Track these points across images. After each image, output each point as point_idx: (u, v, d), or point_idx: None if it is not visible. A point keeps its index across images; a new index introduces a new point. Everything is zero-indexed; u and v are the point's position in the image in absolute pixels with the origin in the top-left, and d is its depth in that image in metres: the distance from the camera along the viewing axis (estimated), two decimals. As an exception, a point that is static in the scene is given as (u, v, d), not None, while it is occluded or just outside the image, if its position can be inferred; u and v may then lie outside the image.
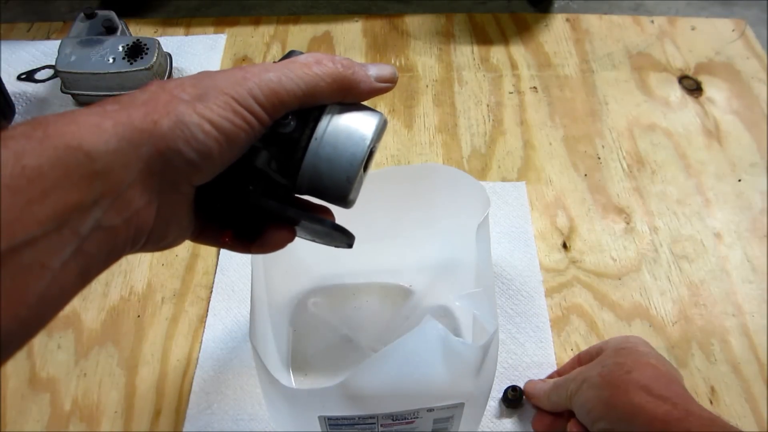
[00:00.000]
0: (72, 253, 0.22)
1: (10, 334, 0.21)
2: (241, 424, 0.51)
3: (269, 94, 0.27)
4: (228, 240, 0.31)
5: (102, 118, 0.24)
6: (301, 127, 0.29)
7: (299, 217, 0.30)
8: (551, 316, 0.57)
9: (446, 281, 0.55)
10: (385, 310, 0.57)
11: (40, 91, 0.76)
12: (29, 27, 0.85)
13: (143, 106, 0.25)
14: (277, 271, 0.50)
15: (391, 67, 0.32)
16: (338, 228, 0.32)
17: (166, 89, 0.26)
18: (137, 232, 0.26)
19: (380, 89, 0.31)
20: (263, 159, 0.29)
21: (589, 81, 0.78)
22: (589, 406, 0.41)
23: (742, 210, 0.66)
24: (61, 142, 0.22)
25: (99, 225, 0.23)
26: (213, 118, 0.26)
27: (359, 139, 0.30)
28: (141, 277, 0.60)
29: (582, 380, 0.43)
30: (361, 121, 0.30)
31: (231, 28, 0.85)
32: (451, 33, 0.84)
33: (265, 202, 0.29)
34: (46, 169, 0.21)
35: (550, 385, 0.48)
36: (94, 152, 0.23)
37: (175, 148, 0.25)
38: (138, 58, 0.70)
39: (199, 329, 0.57)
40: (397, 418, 0.39)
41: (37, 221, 0.21)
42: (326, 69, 0.29)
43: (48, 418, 0.52)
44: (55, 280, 0.22)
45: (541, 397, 0.49)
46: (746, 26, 0.84)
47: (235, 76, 0.27)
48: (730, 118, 0.74)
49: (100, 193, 0.23)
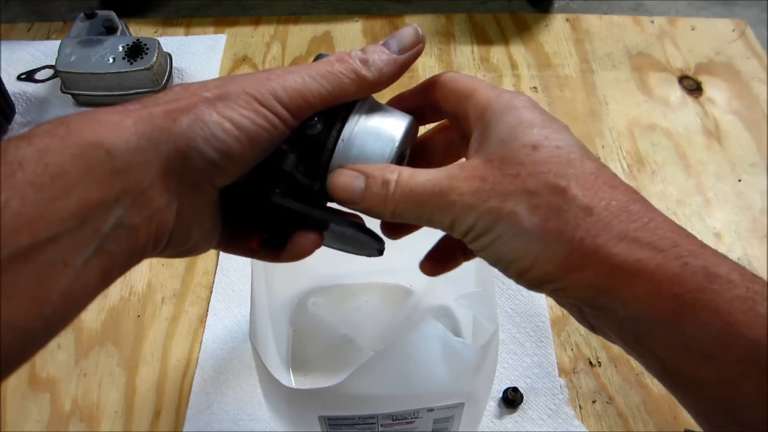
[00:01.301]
0: (94, 252, 0.22)
1: (34, 331, 0.21)
2: (241, 424, 0.51)
3: (293, 94, 0.27)
4: (255, 246, 0.31)
5: (123, 116, 0.24)
6: (327, 128, 0.29)
7: (326, 219, 0.29)
8: (551, 316, 0.57)
9: (446, 281, 0.55)
10: (385, 310, 0.57)
11: (40, 91, 0.76)
12: (29, 27, 0.85)
13: (165, 104, 0.25)
14: (277, 271, 0.50)
15: (411, 30, 0.30)
16: (367, 231, 0.30)
17: (189, 90, 0.26)
18: (158, 233, 0.25)
19: (407, 62, 0.30)
20: (290, 162, 0.28)
21: (589, 81, 0.78)
22: (524, 264, 0.26)
23: (742, 210, 0.66)
24: (83, 139, 0.22)
25: (120, 223, 0.23)
26: (233, 117, 0.26)
27: (387, 140, 0.29)
28: (141, 277, 0.60)
29: (493, 215, 0.26)
30: (390, 123, 0.29)
31: (231, 28, 0.85)
32: (451, 33, 0.84)
33: (290, 203, 0.28)
34: (68, 166, 0.22)
35: (401, 192, 0.28)
36: (115, 150, 0.23)
37: (195, 147, 0.25)
38: (138, 58, 0.70)
39: (199, 329, 0.57)
40: (397, 418, 0.39)
41: (60, 218, 0.21)
42: (349, 66, 0.28)
43: (48, 418, 0.52)
44: (77, 278, 0.22)
45: (383, 205, 0.28)
46: (746, 26, 0.84)
47: (259, 77, 0.27)
48: (730, 118, 0.74)
49: (122, 190, 0.23)
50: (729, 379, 0.23)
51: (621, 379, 0.54)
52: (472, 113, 0.29)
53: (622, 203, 0.25)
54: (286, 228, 0.30)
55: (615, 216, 0.25)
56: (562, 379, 0.54)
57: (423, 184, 0.27)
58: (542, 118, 0.27)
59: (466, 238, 0.27)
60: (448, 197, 0.27)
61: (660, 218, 0.26)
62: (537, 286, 0.27)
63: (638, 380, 0.54)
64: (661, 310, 0.24)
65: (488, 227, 0.26)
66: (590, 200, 0.25)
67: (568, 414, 0.52)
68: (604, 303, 0.25)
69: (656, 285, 0.24)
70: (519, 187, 0.26)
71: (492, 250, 0.27)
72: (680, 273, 0.24)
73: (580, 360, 0.55)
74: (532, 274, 0.26)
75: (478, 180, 0.26)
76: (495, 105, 0.28)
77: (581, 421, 0.52)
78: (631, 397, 0.53)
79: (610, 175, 0.27)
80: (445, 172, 0.27)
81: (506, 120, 0.27)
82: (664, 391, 0.53)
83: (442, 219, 0.27)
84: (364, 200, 0.28)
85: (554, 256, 0.25)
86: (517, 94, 0.28)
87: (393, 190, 0.28)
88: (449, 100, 0.30)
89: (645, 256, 0.24)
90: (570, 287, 0.26)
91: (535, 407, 0.52)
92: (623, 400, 0.53)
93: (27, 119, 0.73)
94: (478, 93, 0.29)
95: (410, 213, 0.28)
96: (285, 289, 0.56)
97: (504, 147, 0.27)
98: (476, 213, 0.26)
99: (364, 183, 0.28)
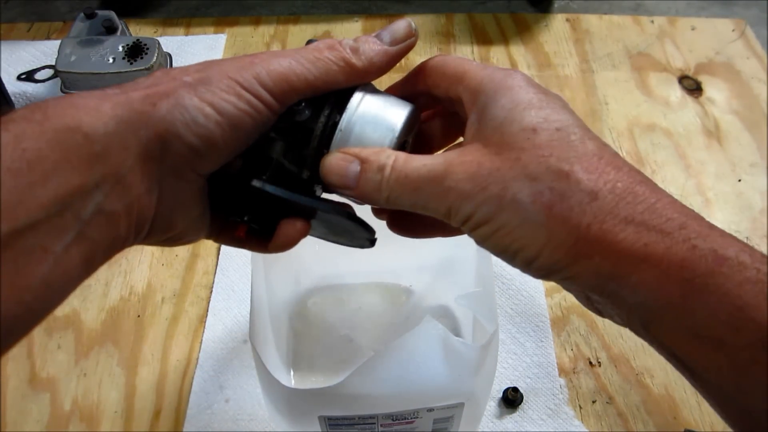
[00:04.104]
0: (74, 238, 0.22)
1: (15, 317, 0.21)
2: (241, 424, 0.51)
3: (278, 79, 0.26)
4: (242, 236, 0.30)
5: (101, 101, 0.24)
6: (315, 115, 0.28)
7: (313, 206, 0.29)
8: (551, 316, 0.57)
9: (446, 281, 0.55)
10: (385, 310, 0.57)
11: (40, 91, 0.76)
12: (29, 27, 0.85)
13: (144, 89, 0.25)
14: (277, 271, 0.50)
15: (404, 23, 0.30)
16: (356, 219, 0.29)
17: (170, 75, 0.26)
18: (139, 219, 0.25)
19: (398, 54, 0.29)
20: (278, 149, 0.28)
21: (589, 81, 0.78)
22: (530, 253, 0.25)
23: (742, 210, 0.66)
24: (61, 123, 0.22)
25: (100, 209, 0.23)
26: (214, 101, 0.25)
27: (387, 129, 0.28)
28: (141, 277, 0.60)
29: (494, 204, 0.25)
30: (390, 111, 0.29)
31: (231, 28, 0.85)
32: (451, 33, 0.84)
33: (274, 189, 0.28)
34: (46, 151, 0.21)
35: (395, 177, 0.27)
36: (93, 134, 0.23)
37: (174, 132, 0.25)
38: (138, 58, 0.70)
39: (199, 329, 0.57)
40: (397, 418, 0.39)
41: (39, 205, 0.21)
42: (339, 54, 0.28)
43: (48, 418, 0.51)
44: (57, 264, 0.22)
45: (377, 191, 0.28)
46: (746, 26, 0.84)
47: (242, 61, 0.27)
48: (730, 118, 0.74)
49: (101, 175, 0.23)
50: (739, 365, 0.23)
51: (621, 379, 0.54)
52: (465, 97, 0.28)
53: (627, 185, 0.24)
54: (274, 217, 0.30)
55: (621, 198, 0.24)
56: (562, 379, 0.54)
57: (418, 169, 0.26)
58: (539, 98, 0.26)
59: (464, 227, 0.26)
60: (443, 183, 0.26)
61: (666, 198, 0.25)
62: (545, 276, 0.26)
63: (638, 380, 0.54)
64: (669, 296, 0.23)
65: (489, 216, 0.25)
66: (595, 183, 0.24)
67: (568, 414, 0.52)
68: (613, 289, 0.24)
69: (664, 270, 0.23)
70: (520, 173, 0.25)
71: (495, 239, 0.26)
72: (688, 257, 0.23)
73: (580, 360, 0.55)
74: (540, 263, 0.25)
75: (476, 165, 0.25)
76: (488, 86, 0.27)
77: (581, 421, 0.52)
78: (631, 397, 0.53)
79: (613, 154, 0.26)
80: (441, 158, 0.26)
81: (501, 102, 0.26)
82: (664, 391, 0.53)
83: (438, 206, 0.26)
84: (358, 186, 0.27)
85: (561, 244, 0.24)
86: (511, 72, 0.27)
87: (388, 175, 0.27)
88: (440, 86, 0.30)
89: (652, 241, 0.24)
90: (578, 275, 0.25)
91: (535, 407, 0.52)
92: (623, 400, 0.53)
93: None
94: (469, 75, 0.28)
95: (405, 199, 0.27)
96: (285, 289, 0.56)
97: (501, 131, 0.26)
98: (475, 201, 0.25)
99: (359, 167, 0.27)
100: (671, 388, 0.53)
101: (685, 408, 0.52)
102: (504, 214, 0.25)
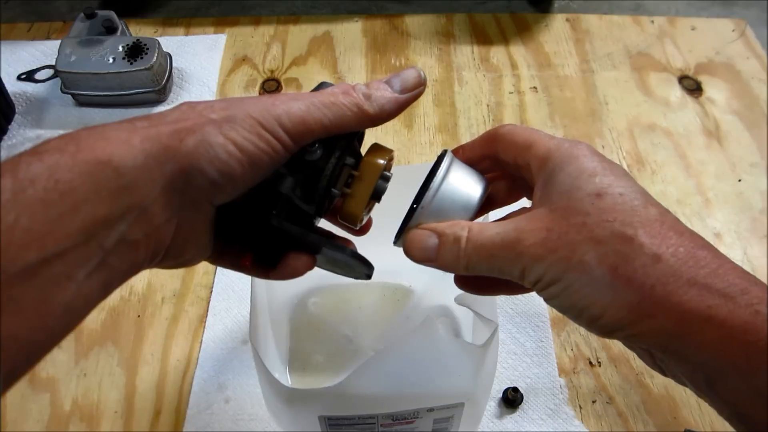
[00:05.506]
0: (96, 266, 0.23)
1: (38, 343, 0.22)
2: (241, 424, 0.51)
3: (296, 121, 0.28)
4: (248, 264, 0.32)
5: (131, 134, 0.24)
6: (327, 155, 0.30)
7: (320, 244, 0.30)
8: (551, 316, 0.57)
9: (446, 281, 0.55)
10: (385, 310, 0.57)
11: (40, 91, 0.76)
12: (29, 27, 0.85)
13: (172, 124, 0.26)
14: (277, 271, 0.50)
15: (414, 72, 0.31)
16: (358, 257, 0.32)
17: (196, 109, 0.27)
18: (156, 247, 0.26)
19: (407, 101, 0.31)
20: (288, 185, 0.29)
21: (589, 81, 0.78)
22: (595, 311, 0.27)
23: (742, 210, 0.66)
24: (92, 156, 0.23)
25: (123, 239, 0.24)
26: (238, 140, 0.26)
27: (462, 210, 0.31)
28: (141, 277, 0.60)
29: (563, 265, 0.27)
30: (465, 191, 0.31)
31: (231, 28, 0.85)
32: (451, 33, 0.84)
33: (287, 226, 0.29)
34: (77, 183, 0.22)
35: (472, 247, 0.29)
36: (123, 167, 0.23)
37: (198, 167, 0.26)
38: (138, 58, 0.70)
39: (199, 329, 0.57)
40: (397, 418, 0.39)
41: (67, 234, 0.22)
42: (352, 99, 0.29)
43: (48, 418, 0.52)
44: (79, 291, 0.22)
45: (456, 260, 0.30)
46: (746, 26, 0.84)
47: (264, 102, 0.28)
48: (730, 118, 0.74)
49: (127, 207, 0.24)
50: None
51: (621, 379, 0.54)
52: (533, 164, 0.30)
53: (689, 249, 0.26)
54: (280, 248, 0.31)
55: (684, 262, 0.25)
56: (562, 379, 0.54)
57: (492, 238, 0.28)
58: (603, 166, 0.28)
59: (536, 287, 0.28)
60: (516, 249, 0.28)
61: (728, 264, 0.26)
62: (609, 333, 0.27)
63: (638, 380, 0.54)
64: (733, 356, 0.24)
65: (558, 276, 0.27)
66: (658, 247, 0.25)
67: (568, 414, 0.52)
68: (677, 348, 0.26)
69: (728, 332, 0.24)
70: (586, 237, 0.26)
71: (563, 298, 0.27)
72: (751, 321, 0.24)
73: (580, 360, 0.55)
74: (604, 320, 0.26)
75: (545, 231, 0.27)
76: (555, 155, 0.29)
77: (581, 421, 0.52)
78: (631, 397, 0.53)
79: (675, 220, 0.27)
80: (512, 225, 0.28)
81: (568, 170, 0.28)
82: (664, 391, 0.53)
83: (512, 270, 0.28)
84: (438, 258, 0.30)
85: (625, 303, 0.26)
86: (576, 143, 0.29)
87: (464, 246, 0.29)
88: (509, 152, 0.32)
89: (715, 303, 0.25)
90: (642, 333, 0.26)
91: (535, 407, 0.52)
92: (623, 400, 0.53)
93: (27, 119, 0.73)
94: (538, 144, 0.30)
95: (482, 266, 0.29)
96: (285, 289, 0.56)
97: (568, 197, 0.27)
98: (545, 263, 0.27)
99: (438, 240, 0.30)
100: (671, 388, 0.53)
101: (685, 408, 0.52)
102: (571, 275, 0.26)
